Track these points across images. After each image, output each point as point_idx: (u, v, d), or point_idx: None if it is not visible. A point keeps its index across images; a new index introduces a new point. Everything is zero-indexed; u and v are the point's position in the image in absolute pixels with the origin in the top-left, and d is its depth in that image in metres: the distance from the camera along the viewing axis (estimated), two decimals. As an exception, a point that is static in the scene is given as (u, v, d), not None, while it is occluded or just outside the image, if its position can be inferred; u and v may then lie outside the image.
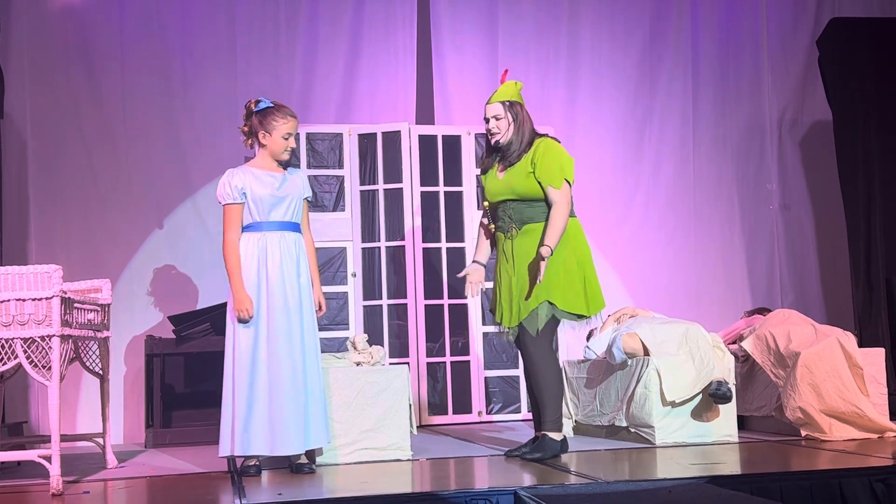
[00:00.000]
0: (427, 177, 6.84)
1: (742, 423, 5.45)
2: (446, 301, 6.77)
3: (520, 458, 4.62)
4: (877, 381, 5.33)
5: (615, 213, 7.46)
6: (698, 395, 5.13)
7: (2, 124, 6.28)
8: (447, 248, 6.80)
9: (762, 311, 6.19)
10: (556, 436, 4.62)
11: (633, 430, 5.21)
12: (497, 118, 4.73)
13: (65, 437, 4.59)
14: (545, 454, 4.57)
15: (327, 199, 6.72)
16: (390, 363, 6.28)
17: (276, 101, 4.56)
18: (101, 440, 4.97)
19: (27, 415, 6.39)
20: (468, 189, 6.85)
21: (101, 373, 4.90)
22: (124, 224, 6.72)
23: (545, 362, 4.62)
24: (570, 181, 4.65)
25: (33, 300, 4.17)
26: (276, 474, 4.42)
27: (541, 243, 4.56)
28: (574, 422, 5.76)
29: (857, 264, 7.02)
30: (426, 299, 6.72)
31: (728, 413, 5.18)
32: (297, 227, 4.54)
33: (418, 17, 7.28)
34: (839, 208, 7.21)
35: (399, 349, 6.66)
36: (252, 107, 4.54)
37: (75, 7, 6.77)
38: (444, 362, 6.72)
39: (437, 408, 6.68)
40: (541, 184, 4.62)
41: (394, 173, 6.78)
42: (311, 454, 4.53)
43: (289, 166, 4.62)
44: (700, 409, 5.14)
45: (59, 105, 6.71)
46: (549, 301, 4.58)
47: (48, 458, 4.13)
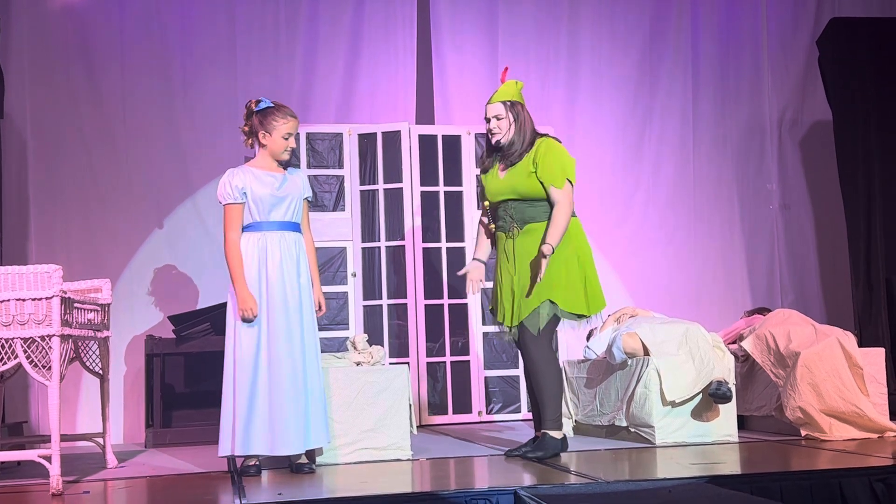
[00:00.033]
0: (427, 177, 6.84)
1: (742, 422, 5.45)
2: (446, 301, 6.77)
3: (521, 458, 4.62)
4: (877, 380, 5.33)
5: (615, 213, 7.46)
6: (698, 394, 5.13)
7: (2, 124, 6.28)
8: (447, 248, 6.80)
9: (762, 310, 6.19)
10: (556, 434, 4.63)
11: (633, 430, 5.20)
12: (498, 118, 4.73)
13: (65, 437, 4.59)
14: (546, 453, 4.58)
15: (327, 198, 6.72)
16: (390, 363, 6.28)
17: (276, 101, 4.56)
18: (101, 440, 4.97)
19: (27, 415, 6.39)
20: (468, 189, 6.85)
21: (101, 373, 4.90)
22: (124, 224, 6.72)
23: (545, 361, 4.63)
24: (571, 181, 4.66)
25: (33, 300, 4.17)
26: (276, 474, 4.42)
27: (542, 241, 4.56)
28: (574, 422, 5.76)
29: (857, 264, 7.02)
30: (426, 299, 6.72)
31: (728, 413, 5.18)
32: (297, 227, 4.54)
33: (418, 17, 7.28)
34: (839, 208, 7.21)
35: (399, 349, 6.66)
36: (252, 106, 4.54)
37: (75, 7, 6.77)
38: (444, 362, 6.72)
39: (437, 408, 6.68)
40: (543, 184, 4.62)
41: (394, 173, 6.78)
42: (311, 454, 4.53)
43: (289, 166, 4.62)
44: (700, 409, 5.14)
45: (59, 105, 6.71)
46: (551, 300, 4.59)
47: (48, 458, 4.13)
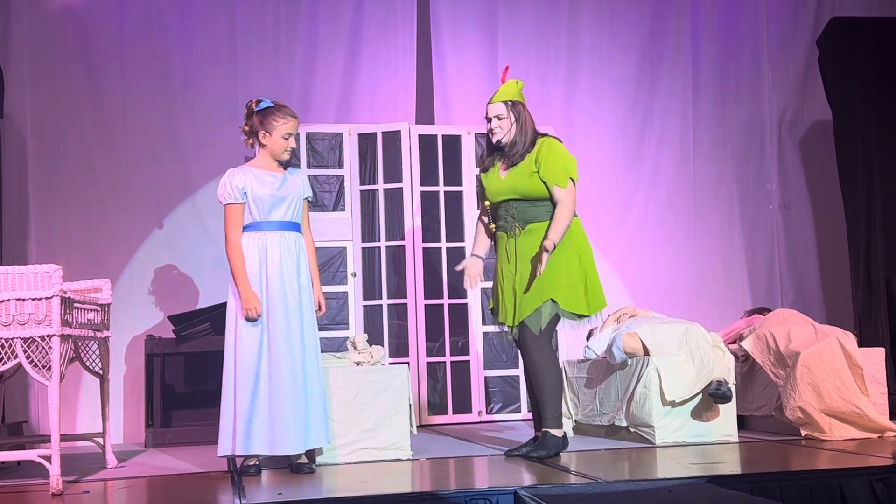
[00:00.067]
0: (427, 176, 6.84)
1: (742, 422, 5.45)
2: (446, 301, 6.77)
3: (523, 458, 4.62)
4: (877, 380, 5.33)
5: (615, 213, 7.46)
6: (698, 394, 5.13)
7: (2, 124, 6.28)
8: (447, 248, 6.80)
9: (762, 310, 6.19)
10: (557, 432, 4.64)
11: (633, 430, 5.20)
12: (499, 118, 4.73)
13: (65, 437, 4.59)
14: (549, 451, 4.59)
15: (327, 198, 6.72)
16: (390, 363, 6.28)
17: (276, 101, 4.56)
18: (101, 440, 4.97)
19: (27, 415, 6.39)
20: (468, 189, 6.84)
21: (100, 372, 4.90)
22: (124, 224, 6.72)
23: (545, 360, 4.63)
24: (574, 180, 4.67)
25: (33, 300, 4.17)
26: (275, 474, 4.42)
27: (544, 237, 4.56)
28: (574, 421, 5.76)
29: (857, 264, 7.02)
30: (426, 299, 6.72)
31: (728, 413, 5.18)
32: (297, 227, 4.54)
33: (418, 17, 7.28)
34: (839, 208, 7.21)
35: (399, 349, 6.66)
36: (253, 106, 4.54)
37: (75, 7, 6.77)
38: (444, 362, 6.72)
39: (437, 407, 6.68)
40: (546, 183, 4.63)
41: (394, 173, 6.78)
42: (311, 454, 4.53)
43: (289, 166, 4.62)
44: (700, 409, 5.14)
45: (59, 105, 6.71)
46: (553, 299, 4.60)
47: (48, 458, 4.13)
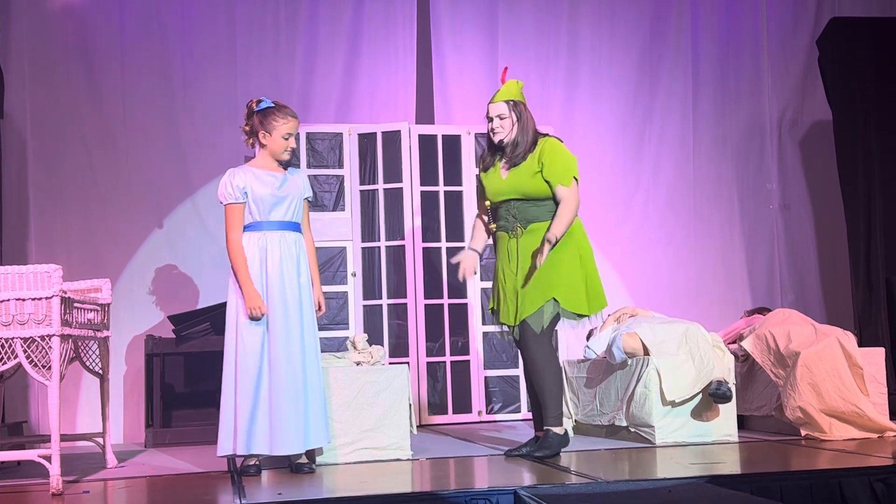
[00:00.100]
0: (427, 176, 6.84)
1: (742, 422, 5.45)
2: (446, 301, 6.77)
3: (527, 458, 4.62)
4: (877, 380, 5.33)
5: (615, 213, 7.46)
6: (698, 394, 5.13)
7: (2, 124, 6.28)
8: (447, 248, 6.80)
9: (762, 310, 6.19)
10: (558, 430, 4.64)
11: (632, 430, 5.20)
12: (501, 117, 4.73)
13: (65, 437, 4.59)
14: (552, 449, 4.59)
15: (327, 198, 6.72)
16: (390, 363, 6.27)
17: (277, 101, 4.56)
18: (100, 440, 4.97)
19: (27, 415, 6.39)
20: (468, 189, 6.84)
21: (100, 372, 4.90)
22: (124, 224, 6.72)
23: (547, 359, 4.64)
24: (577, 179, 4.67)
25: (33, 300, 4.17)
26: (275, 474, 4.42)
27: (547, 230, 4.56)
28: (574, 421, 5.76)
29: (857, 264, 7.02)
30: (426, 299, 6.72)
31: (728, 413, 5.18)
32: (297, 227, 4.54)
33: (418, 17, 7.28)
34: (839, 208, 7.21)
35: (399, 349, 6.66)
36: (253, 106, 4.54)
37: (75, 7, 6.77)
38: (444, 362, 6.72)
39: (437, 407, 6.68)
40: (549, 183, 4.63)
41: (394, 173, 6.78)
42: (311, 454, 4.53)
43: (289, 166, 4.62)
44: (700, 409, 5.14)
45: (59, 105, 6.71)
46: (555, 299, 4.60)
47: (48, 458, 4.13)
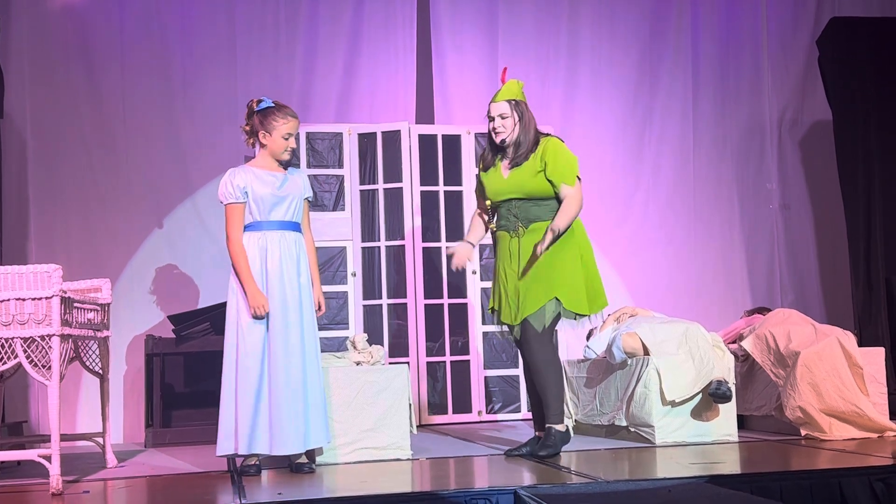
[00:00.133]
0: (427, 176, 6.84)
1: (742, 422, 5.45)
2: (446, 301, 6.77)
3: (528, 457, 4.62)
4: (877, 380, 5.33)
5: (615, 213, 7.46)
6: (698, 394, 5.13)
7: (2, 124, 6.28)
8: (447, 248, 6.78)
9: (762, 310, 6.19)
10: (560, 427, 4.66)
11: (632, 430, 5.20)
12: (503, 117, 4.73)
13: (65, 437, 4.58)
14: (555, 447, 4.60)
15: (327, 198, 6.72)
16: (390, 363, 6.27)
17: (277, 101, 4.56)
18: (100, 440, 4.97)
19: (27, 414, 6.39)
20: (468, 189, 6.84)
21: (100, 372, 4.90)
22: (124, 224, 6.71)
23: (548, 358, 4.65)
24: (580, 178, 4.68)
25: (33, 300, 4.17)
26: (275, 474, 4.42)
27: (551, 222, 4.57)
28: (574, 421, 5.75)
29: (857, 264, 7.02)
30: (426, 299, 6.72)
31: (728, 412, 5.18)
32: (297, 227, 4.55)
33: (418, 17, 7.28)
34: (839, 208, 7.21)
35: (399, 349, 6.66)
36: (254, 106, 4.54)
37: (75, 7, 6.77)
38: (444, 362, 6.72)
39: (436, 407, 6.68)
40: (553, 182, 4.64)
41: (394, 173, 6.78)
42: (311, 454, 4.53)
43: (289, 166, 4.62)
44: (700, 409, 5.14)
45: (59, 105, 6.70)
46: (557, 298, 4.61)
47: (48, 458, 4.13)
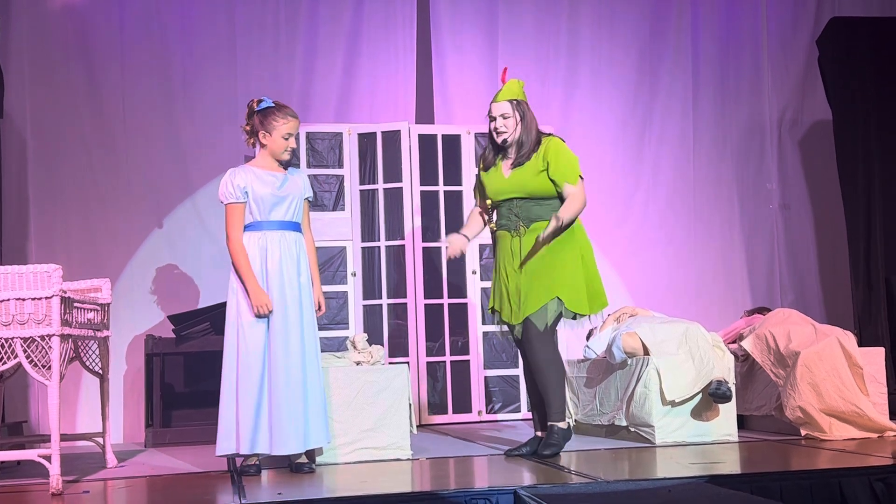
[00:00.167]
0: (427, 176, 6.84)
1: (742, 422, 5.45)
2: (446, 300, 6.77)
3: (529, 457, 4.62)
4: (877, 380, 5.33)
5: (615, 213, 7.46)
6: (698, 394, 5.13)
7: (2, 124, 6.28)
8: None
9: (762, 310, 6.19)
10: (562, 425, 4.67)
11: (632, 430, 5.20)
12: (505, 117, 4.73)
13: (65, 437, 4.58)
14: (558, 445, 4.61)
15: (327, 198, 6.72)
16: (390, 362, 6.28)
17: (277, 101, 4.56)
18: (100, 440, 4.97)
19: (27, 414, 6.39)
20: (468, 188, 6.83)
21: (100, 372, 4.90)
22: (124, 224, 6.71)
23: (551, 357, 4.65)
24: (582, 177, 4.69)
25: (33, 300, 4.17)
26: (275, 474, 4.42)
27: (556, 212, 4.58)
28: (574, 421, 5.75)
29: (857, 264, 7.02)
30: (426, 299, 6.72)
31: (728, 412, 5.18)
32: (297, 227, 4.55)
33: (418, 17, 7.28)
34: (839, 208, 7.21)
35: (399, 349, 6.66)
36: (254, 106, 4.54)
37: (75, 7, 6.77)
38: (444, 362, 6.72)
39: (436, 407, 6.68)
40: (556, 182, 4.65)
41: (393, 173, 6.78)
42: (311, 453, 4.53)
43: (289, 166, 4.62)
44: (700, 409, 5.14)
45: (59, 105, 6.70)
46: (559, 297, 4.61)
47: (48, 458, 4.13)
